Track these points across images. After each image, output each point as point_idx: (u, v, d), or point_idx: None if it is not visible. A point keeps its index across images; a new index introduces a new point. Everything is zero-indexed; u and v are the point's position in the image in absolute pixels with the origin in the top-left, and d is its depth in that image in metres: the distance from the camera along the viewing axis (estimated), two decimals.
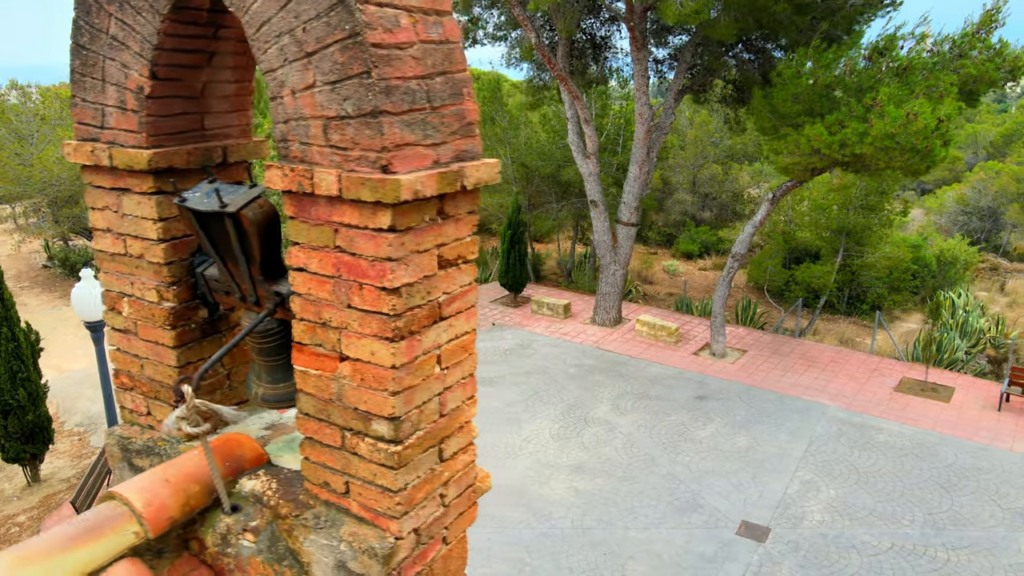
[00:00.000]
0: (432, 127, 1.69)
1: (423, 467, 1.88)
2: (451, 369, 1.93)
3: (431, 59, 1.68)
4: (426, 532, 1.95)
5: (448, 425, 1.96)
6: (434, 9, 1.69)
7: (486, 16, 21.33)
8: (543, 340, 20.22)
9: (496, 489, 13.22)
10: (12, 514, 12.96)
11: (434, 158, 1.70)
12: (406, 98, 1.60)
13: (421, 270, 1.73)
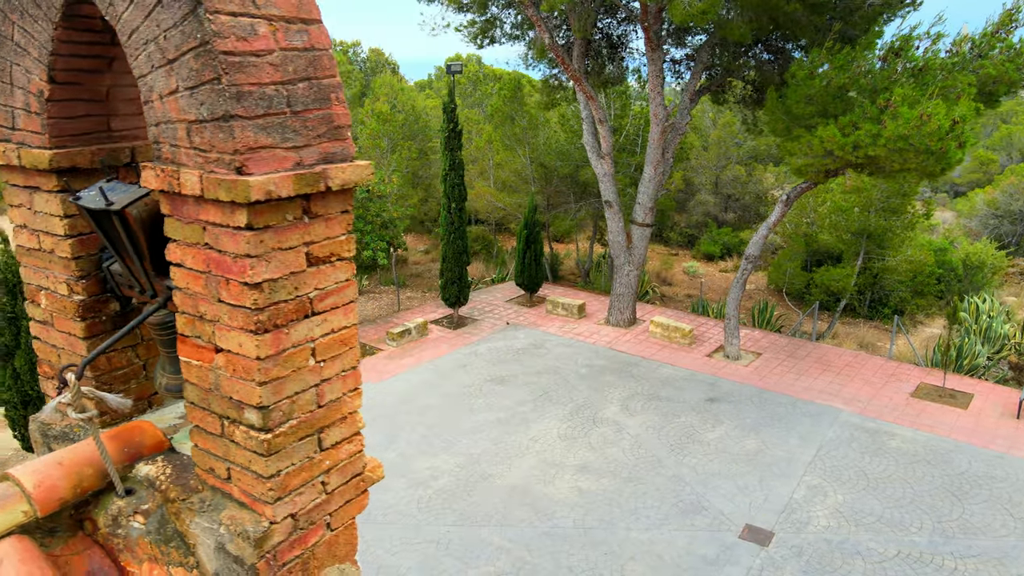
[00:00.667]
0: (293, 131, 1.77)
1: (298, 455, 1.97)
2: (328, 362, 2.01)
3: (293, 66, 1.77)
4: (305, 518, 2.04)
5: (327, 416, 2.04)
6: (299, 18, 1.78)
7: (503, 16, 21.41)
8: (556, 340, 20.25)
9: (500, 488, 13.30)
10: None
11: (296, 160, 1.79)
12: (261, 103, 1.69)
13: (287, 267, 1.82)
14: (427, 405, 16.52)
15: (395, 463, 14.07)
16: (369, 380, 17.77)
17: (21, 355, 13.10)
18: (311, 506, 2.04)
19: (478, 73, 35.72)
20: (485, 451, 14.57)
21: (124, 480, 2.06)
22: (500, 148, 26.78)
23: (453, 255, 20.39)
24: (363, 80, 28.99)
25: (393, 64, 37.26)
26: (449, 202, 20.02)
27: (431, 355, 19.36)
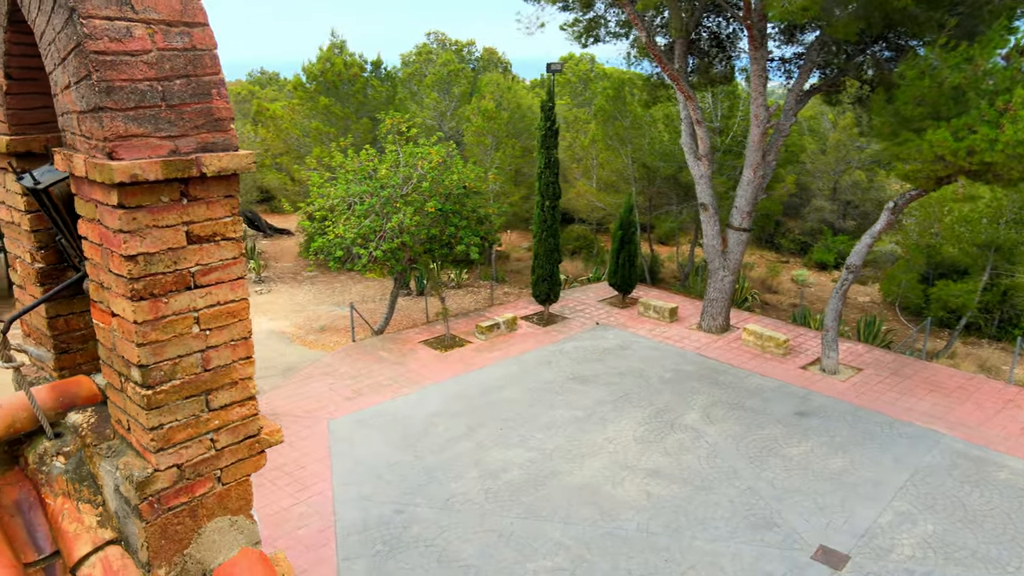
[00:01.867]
0: (168, 122, 2.00)
1: (183, 412, 2.20)
2: (215, 332, 2.23)
3: (170, 64, 1.99)
4: (192, 470, 2.27)
5: (214, 379, 2.26)
6: (181, 21, 2.00)
7: (607, 14, 21.33)
8: (644, 342, 20.00)
9: (569, 485, 13.36)
10: None
11: (171, 148, 2.01)
12: (133, 97, 1.92)
13: (164, 242, 2.05)
14: (508, 399, 16.78)
15: (471, 452, 14.41)
16: (454, 372, 18.26)
17: None
18: (198, 460, 2.28)
19: (589, 72, 35.66)
20: (559, 448, 14.65)
21: (55, 425, 2.37)
22: (603, 148, 26.67)
23: (545, 253, 20.55)
24: (472, 79, 29.65)
25: (505, 63, 37.82)
26: (543, 200, 20.18)
27: (518, 350, 19.62)
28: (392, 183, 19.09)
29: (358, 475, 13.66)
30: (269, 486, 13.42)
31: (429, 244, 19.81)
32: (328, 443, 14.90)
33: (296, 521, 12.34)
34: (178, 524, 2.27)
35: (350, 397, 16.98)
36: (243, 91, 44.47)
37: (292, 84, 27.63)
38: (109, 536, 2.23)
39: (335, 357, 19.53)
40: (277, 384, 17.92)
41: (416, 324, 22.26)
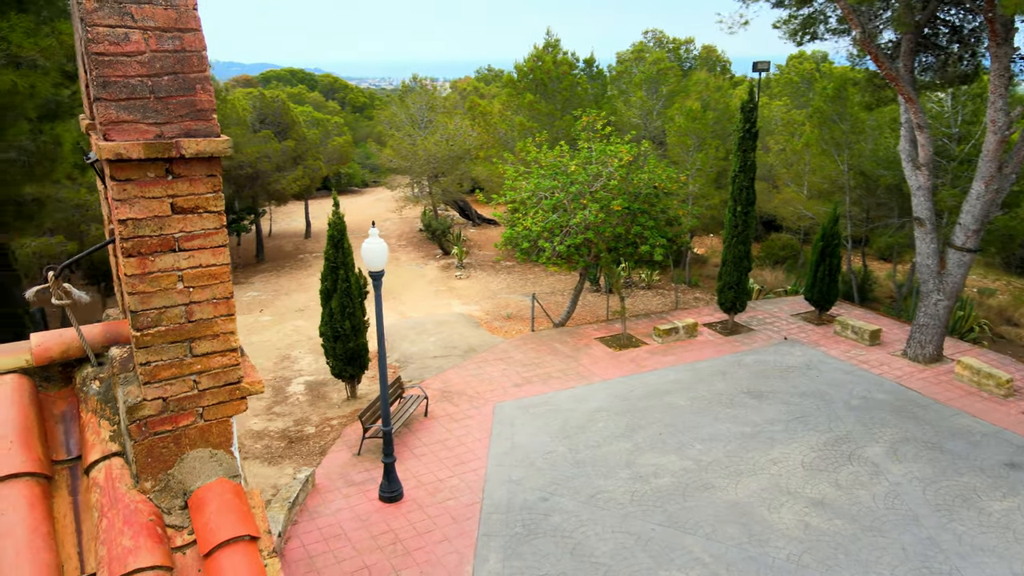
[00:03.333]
0: (155, 111, 2.40)
1: (167, 354, 2.62)
2: (197, 290, 2.62)
3: (161, 63, 2.38)
4: (176, 404, 2.69)
5: (197, 330, 2.65)
6: (175, 28, 2.39)
7: (827, 9, 19.87)
8: (834, 364, 18.46)
9: (720, 501, 12.83)
10: (331, 417, 16.43)
11: (156, 133, 2.41)
12: (125, 90, 2.34)
13: (150, 211, 2.46)
14: (673, 405, 16.42)
15: (625, 453, 14.35)
16: (624, 372, 18.19)
17: (336, 298, 16.11)
18: (181, 396, 2.70)
19: (815, 71, 33.23)
20: (716, 461, 14.10)
21: (99, 356, 2.92)
22: (817, 152, 24.86)
23: (733, 260, 19.70)
24: (681, 78, 29.00)
25: (724, 62, 36.45)
26: (735, 204, 19.35)
27: (693, 357, 19.06)
28: (581, 179, 19.38)
29: (512, 459, 14.17)
30: (431, 456, 14.39)
31: (614, 242, 19.85)
32: (491, 425, 15.60)
33: (448, 492, 13.12)
34: (163, 447, 2.72)
35: (519, 384, 17.60)
36: (468, 87, 47.19)
37: (504, 81, 28.91)
38: (115, 449, 2.73)
39: (512, 344, 20.30)
40: (456, 364, 19.03)
41: (596, 320, 22.42)
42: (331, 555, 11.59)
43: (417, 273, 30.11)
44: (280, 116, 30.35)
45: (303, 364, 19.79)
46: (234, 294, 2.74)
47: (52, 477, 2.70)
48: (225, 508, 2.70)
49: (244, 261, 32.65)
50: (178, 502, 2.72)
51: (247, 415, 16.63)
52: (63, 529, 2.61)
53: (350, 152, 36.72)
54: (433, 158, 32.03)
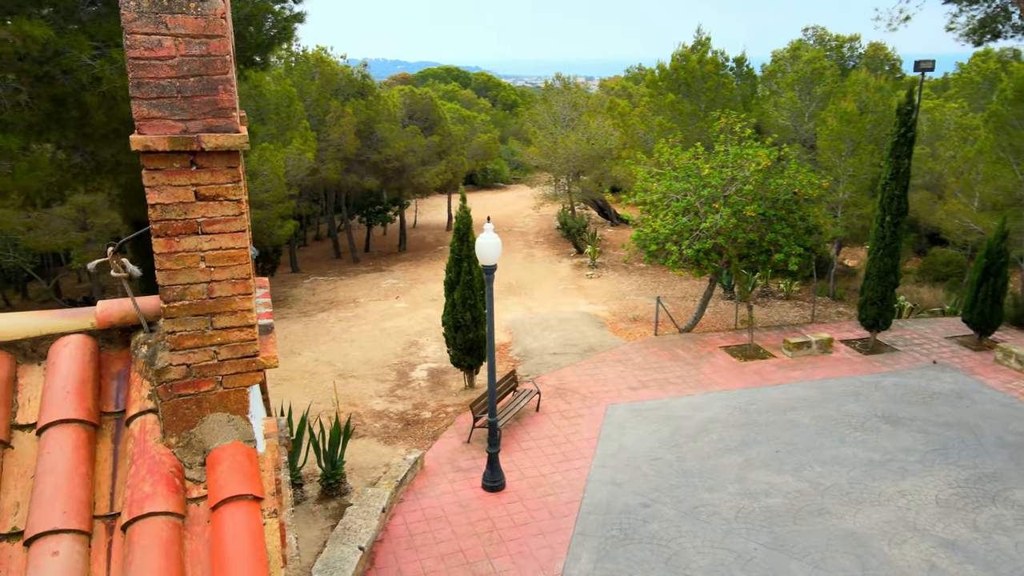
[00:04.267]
0: (181, 109, 2.68)
1: (191, 325, 2.92)
2: (218, 269, 2.90)
3: (188, 67, 2.67)
4: (198, 370, 2.99)
5: (217, 306, 2.94)
6: (203, 35, 2.66)
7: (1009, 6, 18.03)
8: (989, 394, 16.72)
9: (834, 529, 12.07)
10: (447, 404, 17.04)
11: (182, 128, 2.70)
12: (156, 90, 2.64)
13: (176, 197, 2.76)
14: (795, 422, 15.60)
15: (736, 467, 13.83)
16: (746, 383, 17.48)
17: (459, 289, 16.66)
18: (203, 364, 3.00)
19: (998, 71, 30.00)
20: (836, 486, 13.26)
21: (151, 324, 3.30)
22: (991, 160, 22.56)
23: (877, 273, 18.35)
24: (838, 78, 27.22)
25: (894, 60, 33.85)
26: (883, 214, 18.00)
27: (824, 374, 17.96)
28: (714, 183, 18.79)
29: (618, 461, 14.07)
30: (537, 451, 14.58)
31: (746, 249, 19.10)
32: (600, 425, 15.55)
33: (549, 488, 13.25)
34: (186, 409, 3.04)
35: (634, 387, 17.39)
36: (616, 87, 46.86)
37: (647, 80, 28.50)
38: (150, 406, 3.09)
39: (633, 347, 20.06)
40: (574, 362, 19.10)
41: (723, 328, 21.66)
42: (430, 535, 12.06)
43: (549, 270, 30.41)
44: (428, 112, 31.68)
45: (429, 351, 20.62)
46: (252, 275, 3.02)
47: (99, 426, 3.11)
48: (236, 468, 2.99)
49: (387, 250, 34.43)
50: (198, 459, 3.05)
51: (370, 395, 17.61)
52: (101, 472, 3.01)
53: (494, 149, 37.65)
54: (573, 157, 32.17)
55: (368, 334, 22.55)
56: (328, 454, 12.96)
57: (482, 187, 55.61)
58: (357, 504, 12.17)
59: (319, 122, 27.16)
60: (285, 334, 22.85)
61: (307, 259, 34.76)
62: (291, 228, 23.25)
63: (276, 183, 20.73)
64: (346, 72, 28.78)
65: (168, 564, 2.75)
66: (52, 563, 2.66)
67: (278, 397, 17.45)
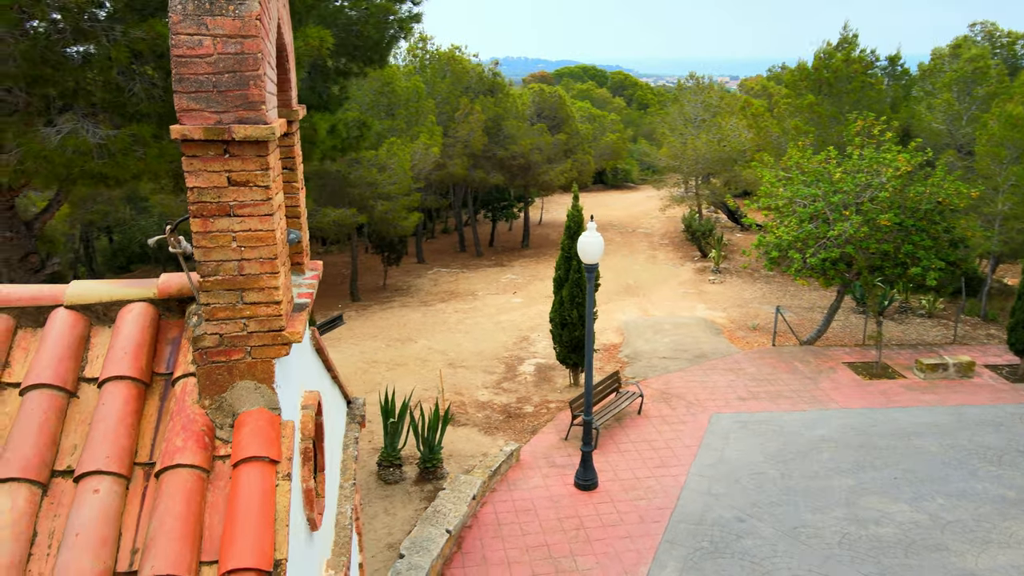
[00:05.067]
0: (216, 101, 2.95)
1: (223, 299, 3.20)
2: (247, 249, 3.16)
3: (223, 64, 2.92)
4: (228, 340, 3.27)
5: (246, 282, 3.21)
6: (239, 35, 2.92)
7: None
8: None
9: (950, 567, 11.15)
10: (550, 400, 17.18)
11: (217, 119, 2.96)
12: (194, 84, 2.92)
13: (211, 182, 3.04)
14: (920, 449, 14.48)
15: (846, 490, 13.06)
16: (868, 403, 16.39)
17: (567, 287, 16.73)
18: (233, 335, 3.27)
19: None
20: (959, 522, 12.22)
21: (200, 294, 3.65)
22: None
23: None
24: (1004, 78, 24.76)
25: None
26: None
27: (960, 400, 16.50)
28: (846, 188, 17.73)
29: (717, 472, 13.67)
30: (634, 454, 14.43)
31: (879, 260, 17.89)
32: (703, 434, 15.15)
33: (641, 492, 13.09)
34: (218, 375, 3.34)
35: (743, 398, 16.77)
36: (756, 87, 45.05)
37: (786, 79, 27.23)
38: (192, 370, 3.42)
39: (747, 356, 19.32)
40: (683, 367, 18.67)
41: (850, 343, 20.37)
42: (518, 527, 12.26)
43: (671, 273, 29.81)
44: (556, 111, 31.88)
45: (539, 347, 20.83)
46: (284, 257, 3.28)
47: (150, 384, 3.49)
48: (257, 432, 3.27)
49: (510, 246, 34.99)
50: (228, 421, 3.35)
51: (477, 386, 18.06)
52: (147, 424, 3.38)
53: (622, 148, 37.29)
54: (703, 158, 31.33)
55: (482, 326, 23.09)
56: (426, 438, 13.46)
57: (612, 187, 55.20)
58: (449, 489, 12.56)
59: (448, 119, 28.05)
60: (404, 322, 23.86)
61: (433, 251, 36.01)
62: (415, 220, 24.21)
63: (402, 176, 21.67)
64: (477, 70, 29.52)
65: (188, 511, 3.06)
66: (92, 499, 3.04)
67: (390, 382, 18.29)
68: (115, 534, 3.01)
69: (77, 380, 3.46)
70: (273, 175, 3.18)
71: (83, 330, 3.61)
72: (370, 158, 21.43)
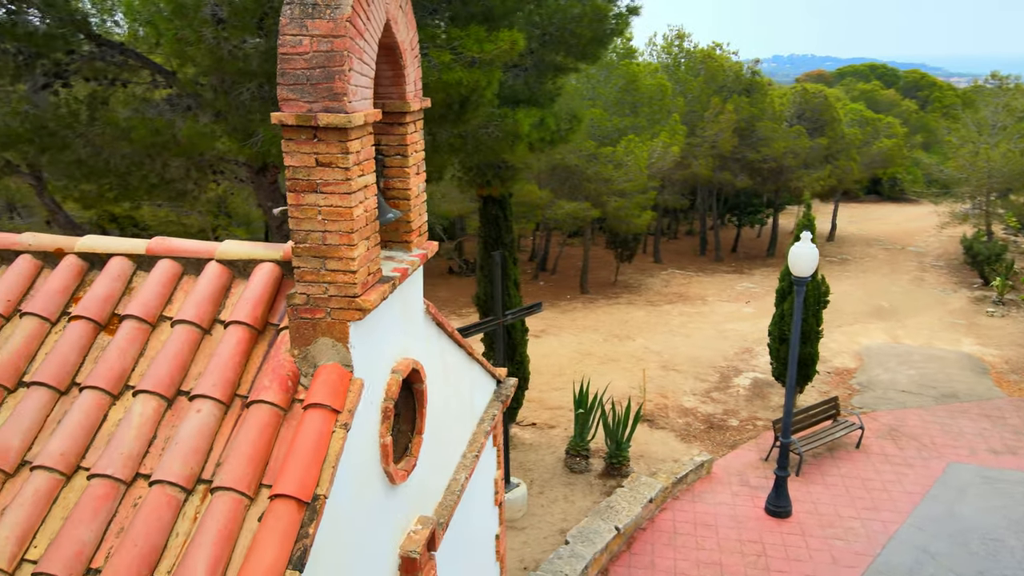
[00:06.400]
0: (308, 92, 3.37)
1: (310, 264, 3.66)
2: (329, 222, 3.58)
3: (316, 60, 3.33)
4: (313, 300, 3.72)
5: (328, 251, 3.63)
6: (331, 35, 3.32)
7: None
8: None
9: None
10: (758, 416, 16.25)
11: (307, 108, 3.40)
12: (293, 77, 3.37)
13: (302, 162, 3.49)
14: None
15: None
16: None
17: (790, 300, 15.64)
18: (316, 296, 3.71)
19: None
20: None
21: None
22: None
23: None
24: None
25: None
26: None
27: None
28: None
29: (940, 529, 12.02)
30: (841, 489, 13.20)
31: None
32: (932, 483, 13.36)
33: (840, 531, 11.97)
34: (304, 330, 3.82)
35: (996, 451, 14.43)
36: None
37: None
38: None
39: (1013, 404, 16.52)
40: (924, 405, 16.54)
41: None
42: (694, 540, 11.88)
43: (938, 299, 26.27)
44: (819, 112, 29.52)
45: (760, 361, 19.72)
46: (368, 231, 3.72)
47: (262, 331, 4.13)
48: (327, 383, 3.72)
49: (754, 253, 33.22)
50: (310, 370, 3.85)
51: (684, 391, 17.65)
52: (252, 365, 4.01)
53: (898, 156, 33.39)
54: (1000, 171, 27.12)
55: (704, 332, 22.39)
56: (614, 434, 13.53)
57: (888, 199, 49.68)
58: (627, 487, 12.54)
59: (697, 117, 27.34)
60: (626, 319, 23.93)
61: (672, 252, 35.41)
62: (648, 218, 24.05)
63: (637, 174, 21.67)
64: (734, 69, 28.33)
65: (260, 440, 3.61)
66: (195, 417, 3.72)
67: (599, 375, 18.56)
68: (206, 447, 3.66)
69: (213, 320, 4.21)
70: (356, 159, 3.60)
71: (226, 281, 4.37)
72: (607, 154, 21.74)
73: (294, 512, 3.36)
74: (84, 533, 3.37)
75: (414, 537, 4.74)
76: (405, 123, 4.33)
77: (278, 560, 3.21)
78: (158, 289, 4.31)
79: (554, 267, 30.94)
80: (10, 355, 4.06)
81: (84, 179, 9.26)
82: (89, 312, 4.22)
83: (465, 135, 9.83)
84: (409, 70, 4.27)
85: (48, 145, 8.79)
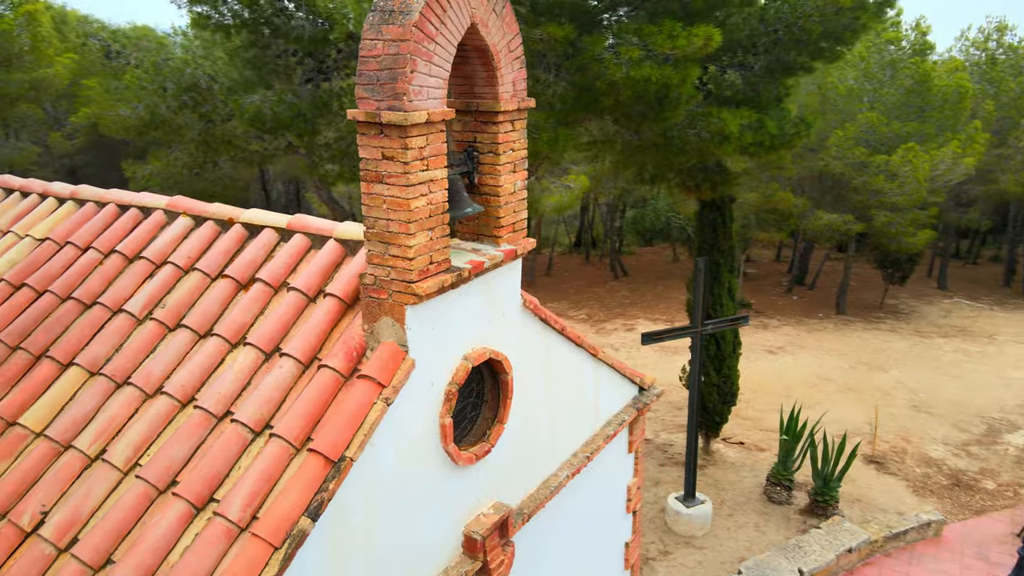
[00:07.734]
0: (376, 91, 3.63)
1: (377, 248, 3.93)
2: (391, 211, 3.80)
3: (384, 63, 3.58)
4: (379, 282, 3.99)
5: (391, 238, 3.85)
6: (399, 39, 3.56)
7: None
8: None
9: None
10: (1021, 483, 13.63)
11: (376, 106, 3.66)
12: (366, 78, 3.66)
13: (370, 154, 3.77)
14: None
15: None
16: None
17: None
18: (382, 278, 3.96)
19: None
20: None
21: None
22: None
23: None
24: None
25: None
26: None
27: None
28: None
29: None
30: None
31: None
32: None
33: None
34: (372, 308, 4.11)
35: None
36: None
37: None
38: None
39: None
40: None
41: None
42: None
43: None
44: None
45: None
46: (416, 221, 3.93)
47: (351, 305, 4.57)
48: (380, 359, 4.04)
49: None
50: (376, 345, 4.19)
51: (934, 438, 15.45)
52: (336, 333, 4.47)
53: None
54: None
55: (981, 375, 19.18)
56: (820, 470, 12.33)
57: None
58: (825, 530, 11.39)
59: (1011, 124, 23.09)
60: (883, 347, 21.35)
61: (965, 278, 30.52)
62: (926, 238, 20.99)
63: (914, 187, 19.01)
64: None
65: (317, 400, 4.06)
66: (276, 371, 4.29)
67: (834, 404, 16.96)
68: (279, 399, 4.20)
69: (319, 291, 4.78)
70: (417, 154, 3.85)
71: (338, 257, 4.91)
72: (880, 163, 19.39)
73: (320, 468, 3.75)
74: (177, 452, 4.10)
75: (482, 519, 4.92)
76: (498, 122, 4.48)
77: (295, 507, 3.63)
78: (286, 260, 4.99)
79: (812, 282, 28.47)
80: (176, 302, 5.01)
81: (329, 160, 10.74)
82: (234, 273, 5.04)
83: (670, 134, 9.57)
84: (504, 71, 4.40)
85: (303, 131, 10.34)
